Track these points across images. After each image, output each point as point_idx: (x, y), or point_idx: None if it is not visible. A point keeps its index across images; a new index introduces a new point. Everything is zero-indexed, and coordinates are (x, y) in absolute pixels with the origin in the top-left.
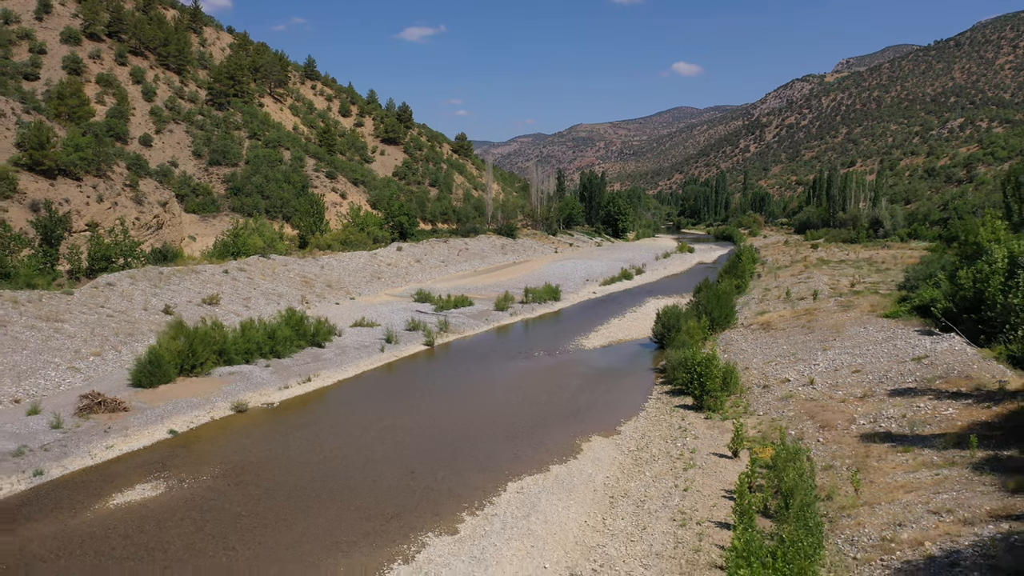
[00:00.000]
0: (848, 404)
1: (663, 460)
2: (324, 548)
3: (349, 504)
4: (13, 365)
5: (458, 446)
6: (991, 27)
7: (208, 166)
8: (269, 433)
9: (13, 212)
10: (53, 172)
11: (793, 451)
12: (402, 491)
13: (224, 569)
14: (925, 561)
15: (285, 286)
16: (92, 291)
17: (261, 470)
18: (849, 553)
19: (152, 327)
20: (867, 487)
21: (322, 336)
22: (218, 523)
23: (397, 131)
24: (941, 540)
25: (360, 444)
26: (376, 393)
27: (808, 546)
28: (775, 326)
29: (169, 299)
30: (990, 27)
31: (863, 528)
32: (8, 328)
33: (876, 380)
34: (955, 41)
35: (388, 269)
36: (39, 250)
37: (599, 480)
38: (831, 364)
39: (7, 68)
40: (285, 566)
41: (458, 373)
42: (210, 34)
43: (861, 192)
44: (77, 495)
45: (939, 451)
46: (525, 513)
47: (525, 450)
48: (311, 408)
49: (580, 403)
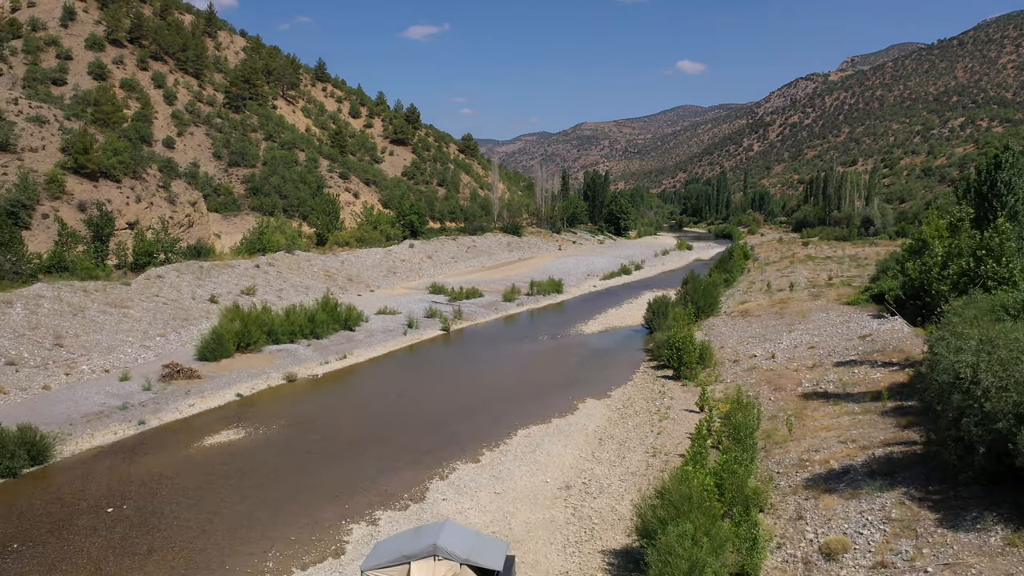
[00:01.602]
0: (800, 372)
1: (643, 414)
2: (378, 472)
3: (392, 446)
4: (96, 343)
5: (475, 407)
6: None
7: (228, 167)
8: (317, 397)
9: (63, 212)
10: (95, 175)
11: (745, 404)
12: (433, 437)
13: (307, 486)
14: (827, 472)
15: (310, 279)
16: (146, 282)
17: (317, 423)
18: (774, 469)
19: (201, 313)
20: (798, 428)
21: (353, 321)
22: (293, 457)
23: (405, 132)
24: (842, 459)
25: (394, 406)
26: (403, 369)
27: (744, 459)
28: (752, 313)
29: (212, 289)
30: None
31: (788, 454)
32: (86, 313)
33: (826, 354)
34: (958, 40)
35: (402, 264)
36: (91, 246)
37: (591, 428)
38: (792, 343)
39: (37, 74)
40: (352, 482)
41: (472, 353)
42: (224, 38)
43: (856, 191)
44: (177, 437)
45: (859, 403)
46: (531, 449)
47: (531, 408)
48: (349, 379)
49: (578, 375)
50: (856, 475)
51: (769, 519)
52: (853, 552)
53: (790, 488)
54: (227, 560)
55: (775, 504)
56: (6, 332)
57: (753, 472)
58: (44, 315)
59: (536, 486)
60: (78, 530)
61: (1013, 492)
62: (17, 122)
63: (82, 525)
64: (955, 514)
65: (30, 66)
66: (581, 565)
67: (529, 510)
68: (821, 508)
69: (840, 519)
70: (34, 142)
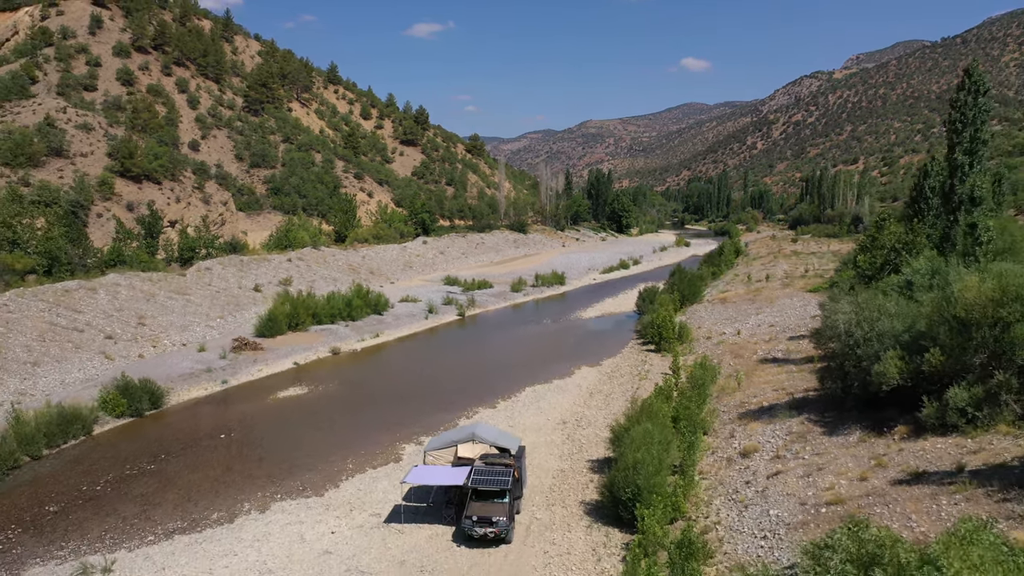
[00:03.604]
0: (757, 344)
1: (627, 376)
2: (418, 413)
3: (425, 399)
4: (171, 323)
5: (490, 373)
6: (998, 24)
7: (249, 168)
8: (360, 366)
9: (115, 211)
10: (139, 177)
11: (707, 366)
12: (457, 393)
13: (364, 423)
14: (758, 408)
15: (336, 272)
16: (197, 273)
17: (363, 383)
18: (721, 408)
19: (249, 300)
20: (746, 383)
21: (381, 307)
22: (348, 405)
23: (415, 133)
24: (772, 400)
25: (423, 372)
26: (427, 346)
27: (697, 400)
28: (730, 300)
29: (254, 280)
30: (997, 24)
31: (734, 399)
32: (156, 299)
33: (781, 330)
34: (962, 38)
35: (417, 259)
36: (143, 242)
37: (584, 386)
38: (757, 323)
39: (70, 81)
40: (398, 419)
41: (485, 334)
42: (240, 42)
43: (849, 190)
44: (255, 392)
45: (797, 365)
46: (536, 400)
47: (536, 374)
48: (383, 353)
49: (575, 350)
50: (777, 409)
51: (710, 438)
52: (761, 452)
53: (729, 419)
54: (318, 464)
55: (716, 429)
56: (98, 313)
57: (704, 409)
58: (124, 300)
59: (540, 422)
60: (203, 447)
61: (875, 411)
62: (67, 129)
63: (205, 444)
64: (834, 428)
65: (63, 73)
66: (572, 466)
67: (534, 436)
68: (747, 430)
69: (758, 435)
70: (84, 148)
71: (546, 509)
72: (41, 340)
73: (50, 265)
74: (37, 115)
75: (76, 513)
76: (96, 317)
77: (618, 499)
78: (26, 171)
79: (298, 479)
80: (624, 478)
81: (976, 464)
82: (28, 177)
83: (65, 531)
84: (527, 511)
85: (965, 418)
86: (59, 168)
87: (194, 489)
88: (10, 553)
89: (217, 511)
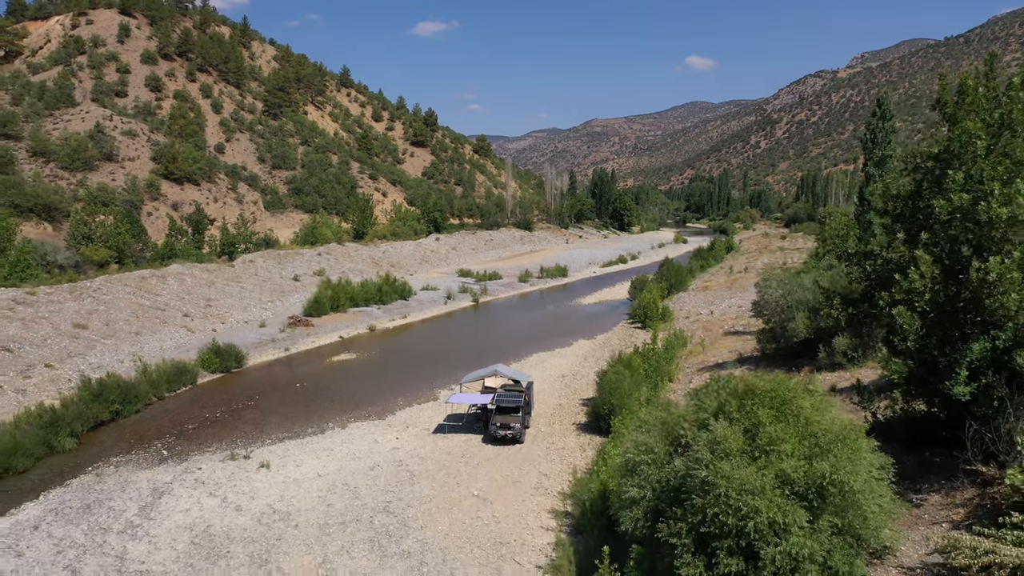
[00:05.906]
0: (725, 321)
1: (616, 345)
2: (447, 371)
3: (451, 362)
4: (232, 305)
5: (503, 345)
6: (1001, 23)
7: (271, 170)
8: (394, 340)
9: (163, 210)
10: (181, 179)
11: (678, 336)
12: (475, 357)
13: (406, 377)
14: (714, 364)
15: (361, 265)
16: (243, 265)
17: (400, 352)
18: (685, 366)
19: (290, 288)
20: (709, 348)
21: (407, 293)
22: (392, 366)
23: (424, 134)
24: (725, 359)
25: (447, 345)
26: (448, 326)
27: (666, 358)
28: (711, 288)
29: (292, 271)
30: (1000, 23)
31: (696, 359)
32: (215, 285)
33: (746, 311)
34: (965, 37)
35: (432, 254)
36: (192, 238)
37: (580, 352)
38: (728, 304)
39: (103, 88)
40: (431, 375)
41: (497, 317)
42: (256, 47)
43: (840, 190)
44: (313, 358)
45: (752, 335)
46: (540, 363)
47: (541, 344)
48: (412, 331)
49: (574, 328)
50: (727, 365)
51: (673, 384)
52: None
53: (691, 372)
54: (376, 400)
55: (679, 378)
56: (172, 296)
57: (672, 365)
58: (189, 285)
59: (543, 376)
60: (285, 393)
61: (793, 360)
62: (115, 136)
63: (286, 390)
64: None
65: (96, 80)
66: (568, 402)
67: (539, 385)
68: (702, 377)
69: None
70: (131, 152)
71: (547, 426)
72: (135, 316)
73: (119, 257)
74: (87, 122)
75: (208, 430)
76: (172, 299)
77: (599, 415)
78: (84, 174)
79: (364, 410)
80: (603, 399)
81: (843, 385)
82: (85, 180)
83: (205, 439)
84: (533, 427)
85: (846, 358)
86: (111, 172)
87: (288, 416)
88: (174, 449)
89: (311, 427)
